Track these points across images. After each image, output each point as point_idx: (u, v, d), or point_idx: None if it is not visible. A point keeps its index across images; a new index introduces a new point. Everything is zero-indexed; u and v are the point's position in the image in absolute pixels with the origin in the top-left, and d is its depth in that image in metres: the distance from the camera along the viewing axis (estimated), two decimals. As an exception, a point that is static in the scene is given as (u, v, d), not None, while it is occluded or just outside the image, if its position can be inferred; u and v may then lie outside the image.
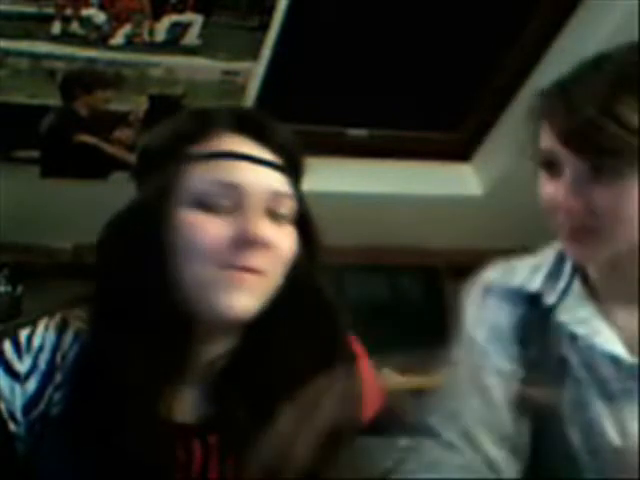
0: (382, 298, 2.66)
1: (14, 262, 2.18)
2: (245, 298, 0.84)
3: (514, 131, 1.19)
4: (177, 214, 0.85)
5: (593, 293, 1.03)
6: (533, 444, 1.03)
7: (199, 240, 0.84)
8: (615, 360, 0.99)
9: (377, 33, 2.13)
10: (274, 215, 0.87)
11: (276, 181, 0.88)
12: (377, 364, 1.04)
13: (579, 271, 1.05)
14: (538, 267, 1.08)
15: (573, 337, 1.02)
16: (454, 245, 2.56)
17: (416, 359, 2.22)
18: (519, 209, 1.07)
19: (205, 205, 0.85)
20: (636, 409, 0.97)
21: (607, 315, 1.02)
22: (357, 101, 2.22)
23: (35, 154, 2.09)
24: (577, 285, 1.04)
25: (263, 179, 0.87)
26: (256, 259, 0.84)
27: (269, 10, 1.80)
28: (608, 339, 1.00)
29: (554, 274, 1.07)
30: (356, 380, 0.93)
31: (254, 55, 1.91)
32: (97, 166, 2.13)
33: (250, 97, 2.02)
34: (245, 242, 0.83)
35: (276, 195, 0.88)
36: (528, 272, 1.08)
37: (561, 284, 1.05)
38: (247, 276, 0.84)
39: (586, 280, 1.05)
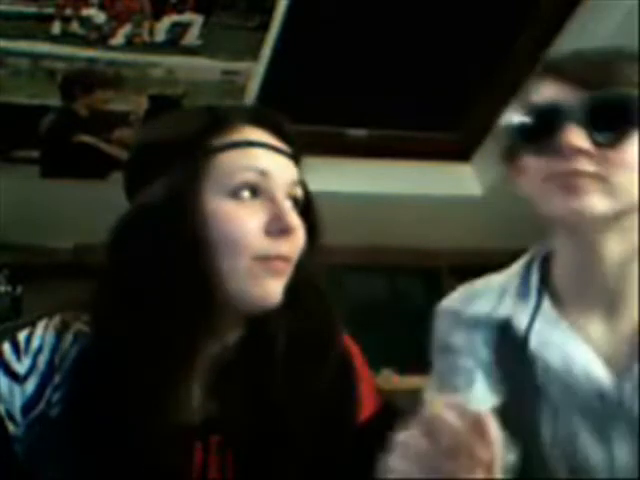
0: (382, 298, 2.66)
1: (14, 262, 2.18)
2: (277, 286, 0.86)
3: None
4: (208, 205, 0.85)
5: (562, 305, 0.96)
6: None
7: (235, 231, 0.84)
8: (595, 384, 0.92)
9: (377, 33, 2.13)
10: (293, 202, 0.89)
11: (292, 169, 0.90)
12: (377, 364, 1.03)
13: (546, 284, 0.98)
14: (505, 288, 1.01)
15: (548, 364, 0.94)
16: (454, 245, 2.56)
17: (416, 359, 2.22)
18: (519, 209, 1.06)
19: (236, 194, 0.86)
20: (623, 433, 0.90)
21: (580, 329, 0.94)
22: (357, 101, 2.22)
23: (35, 154, 2.10)
24: (547, 303, 0.97)
25: (284, 166, 0.89)
26: (287, 246, 0.86)
27: (269, 10, 1.80)
28: (585, 363, 0.93)
29: (522, 293, 0.99)
30: (353, 378, 0.93)
31: (254, 55, 1.91)
32: (97, 166, 2.13)
33: (250, 97, 2.02)
34: (280, 230, 0.85)
35: (294, 182, 0.89)
36: (496, 295, 1.01)
37: (530, 303, 0.97)
38: (281, 264, 0.86)
39: (554, 292, 0.98)
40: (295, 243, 0.87)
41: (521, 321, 0.96)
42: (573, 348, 0.93)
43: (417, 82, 2.24)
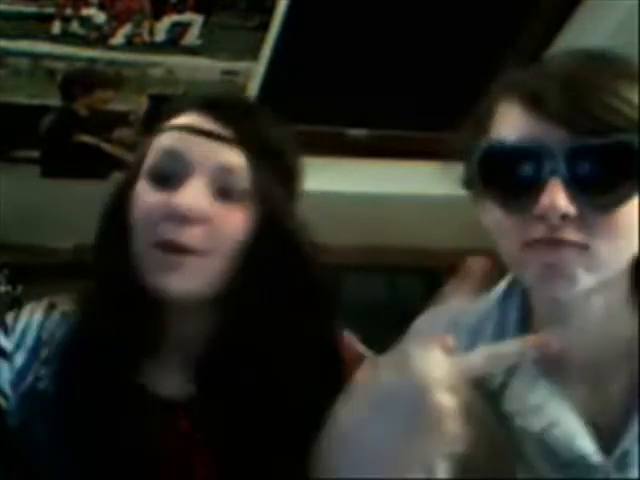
0: (382, 298, 2.66)
1: (14, 262, 2.18)
2: (180, 280, 0.83)
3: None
4: (136, 188, 0.87)
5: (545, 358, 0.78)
6: None
7: (137, 215, 0.85)
8: (581, 459, 0.78)
9: (377, 33, 2.13)
10: (223, 192, 0.85)
11: (230, 157, 0.86)
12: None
13: (527, 325, 0.83)
14: (477, 331, 0.86)
15: (526, 427, 0.81)
16: (454, 245, 2.56)
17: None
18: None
19: (155, 176, 0.85)
20: None
21: (565, 387, 0.80)
22: (357, 101, 2.21)
23: (35, 154, 2.10)
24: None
25: (212, 152, 0.85)
26: (187, 235, 0.82)
27: (269, 10, 1.80)
28: (569, 431, 0.79)
29: (496, 339, 0.83)
30: (338, 369, 0.93)
31: (254, 55, 1.91)
32: (97, 166, 2.13)
33: (250, 97, 2.02)
34: (170, 215, 0.82)
35: (226, 170, 0.85)
36: (466, 339, 0.84)
37: None
38: (178, 258, 0.82)
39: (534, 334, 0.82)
40: (207, 234, 0.83)
41: (496, 377, 0.82)
42: (552, 413, 0.80)
43: (417, 82, 2.24)
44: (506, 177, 0.75)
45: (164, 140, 0.87)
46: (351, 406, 0.67)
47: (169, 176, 0.84)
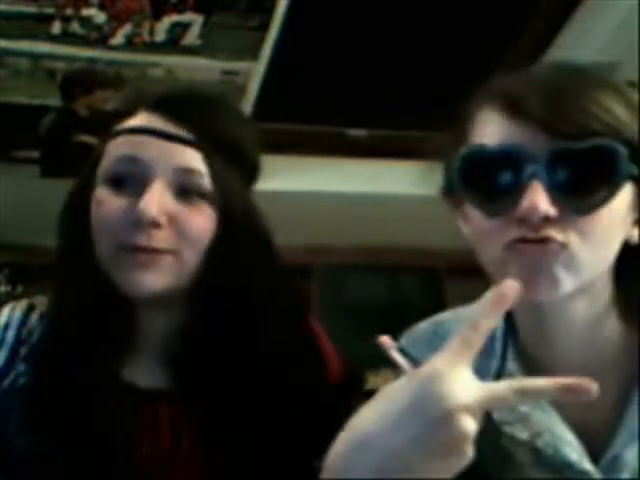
0: (382, 298, 2.66)
1: (14, 262, 2.18)
2: (149, 278, 0.84)
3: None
4: (94, 192, 0.87)
5: (532, 362, 0.81)
6: None
7: (101, 218, 0.85)
8: (567, 462, 0.79)
9: (377, 33, 2.13)
10: (184, 192, 0.85)
11: (187, 158, 0.85)
12: (377, 364, 1.03)
13: (514, 334, 0.83)
14: None
15: (514, 436, 0.81)
16: (454, 245, 2.56)
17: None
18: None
19: (110, 181, 0.86)
20: None
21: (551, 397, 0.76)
22: (357, 101, 2.22)
23: (35, 154, 2.10)
24: (512, 364, 0.82)
25: (169, 154, 0.85)
26: (152, 238, 0.83)
27: (269, 10, 1.80)
28: (555, 439, 0.79)
29: (485, 351, 0.76)
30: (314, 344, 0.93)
31: (254, 55, 1.91)
32: (97, 166, 2.14)
33: (250, 97, 2.02)
34: (133, 220, 0.82)
35: (185, 171, 0.85)
36: None
37: (493, 364, 0.82)
38: (147, 257, 0.83)
39: (522, 347, 0.83)
40: (173, 236, 0.84)
41: None
42: (538, 422, 0.80)
43: (417, 82, 2.24)
44: (487, 181, 0.75)
45: (120, 144, 0.86)
46: (375, 411, 0.67)
47: (129, 181, 0.85)
